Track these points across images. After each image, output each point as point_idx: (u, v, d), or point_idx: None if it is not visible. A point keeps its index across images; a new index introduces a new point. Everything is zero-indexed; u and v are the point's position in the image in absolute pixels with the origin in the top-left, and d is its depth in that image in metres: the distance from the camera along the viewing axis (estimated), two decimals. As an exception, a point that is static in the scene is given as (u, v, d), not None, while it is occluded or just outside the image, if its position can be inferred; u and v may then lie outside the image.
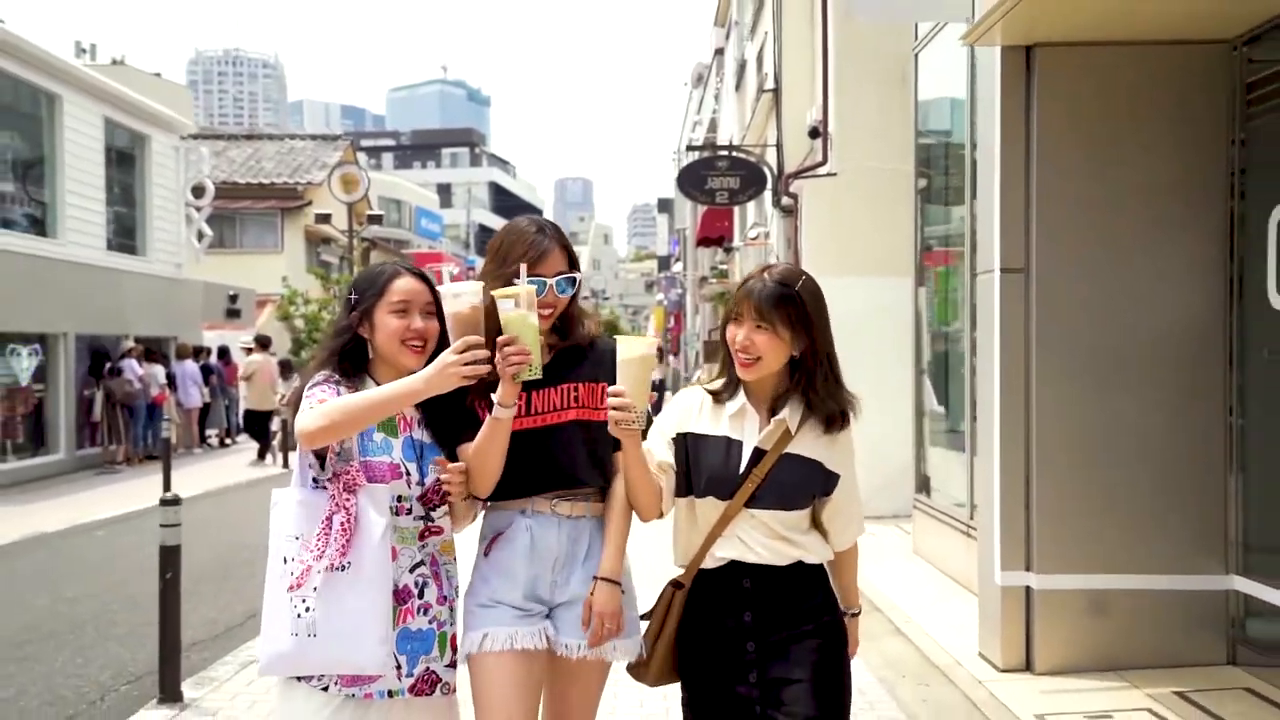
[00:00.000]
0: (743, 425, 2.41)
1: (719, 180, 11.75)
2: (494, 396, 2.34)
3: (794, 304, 2.34)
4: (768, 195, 12.27)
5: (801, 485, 2.40)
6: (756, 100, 13.96)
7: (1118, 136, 4.80)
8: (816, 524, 2.47)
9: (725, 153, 13.02)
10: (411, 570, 2.41)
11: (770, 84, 12.31)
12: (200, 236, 18.39)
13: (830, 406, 2.40)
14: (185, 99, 27.41)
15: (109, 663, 5.35)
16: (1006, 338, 4.89)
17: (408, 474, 2.39)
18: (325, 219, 20.75)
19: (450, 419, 2.46)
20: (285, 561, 2.29)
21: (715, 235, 19.89)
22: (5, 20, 13.99)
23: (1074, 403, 4.81)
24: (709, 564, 2.42)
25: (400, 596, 2.38)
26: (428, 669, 2.41)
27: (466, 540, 2.57)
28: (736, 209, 16.10)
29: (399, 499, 2.38)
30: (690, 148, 20.02)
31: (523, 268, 2.36)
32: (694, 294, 32.44)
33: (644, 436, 2.41)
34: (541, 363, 2.31)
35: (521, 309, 2.25)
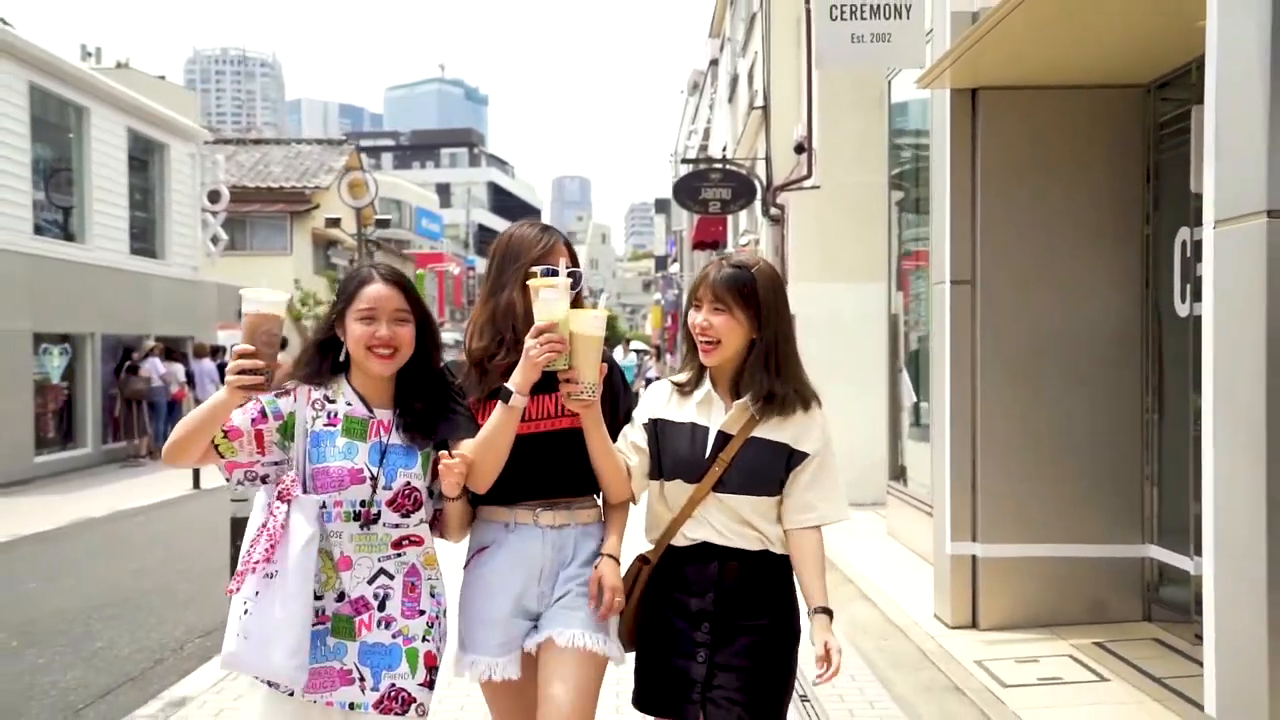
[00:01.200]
0: (709, 411, 2.47)
1: (712, 191, 12.58)
2: (509, 384, 2.34)
3: (748, 285, 2.41)
4: (757, 205, 13.09)
5: (768, 468, 2.42)
6: (747, 115, 14.81)
7: (1049, 167, 5.57)
8: (791, 506, 2.48)
9: (718, 165, 13.88)
10: (370, 581, 2.37)
11: (760, 102, 13.16)
12: (215, 240, 19.14)
13: (785, 389, 2.42)
14: (190, 102, 28.04)
15: (180, 622, 6.16)
16: (956, 340, 5.65)
17: (373, 478, 2.34)
18: (335, 223, 21.48)
19: (431, 419, 2.45)
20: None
21: (710, 239, 20.76)
22: (13, 25, 14.64)
23: (1014, 397, 5.57)
24: (680, 542, 2.46)
25: (356, 607, 2.36)
26: (393, 685, 2.35)
27: (456, 554, 2.62)
28: (730, 216, 16.91)
29: (362, 504, 2.34)
30: (685, 160, 20.85)
31: (563, 261, 2.46)
32: (689, 297, 33.15)
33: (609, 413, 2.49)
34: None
35: (560, 300, 2.29)
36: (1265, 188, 2.94)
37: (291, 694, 2.30)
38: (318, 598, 2.33)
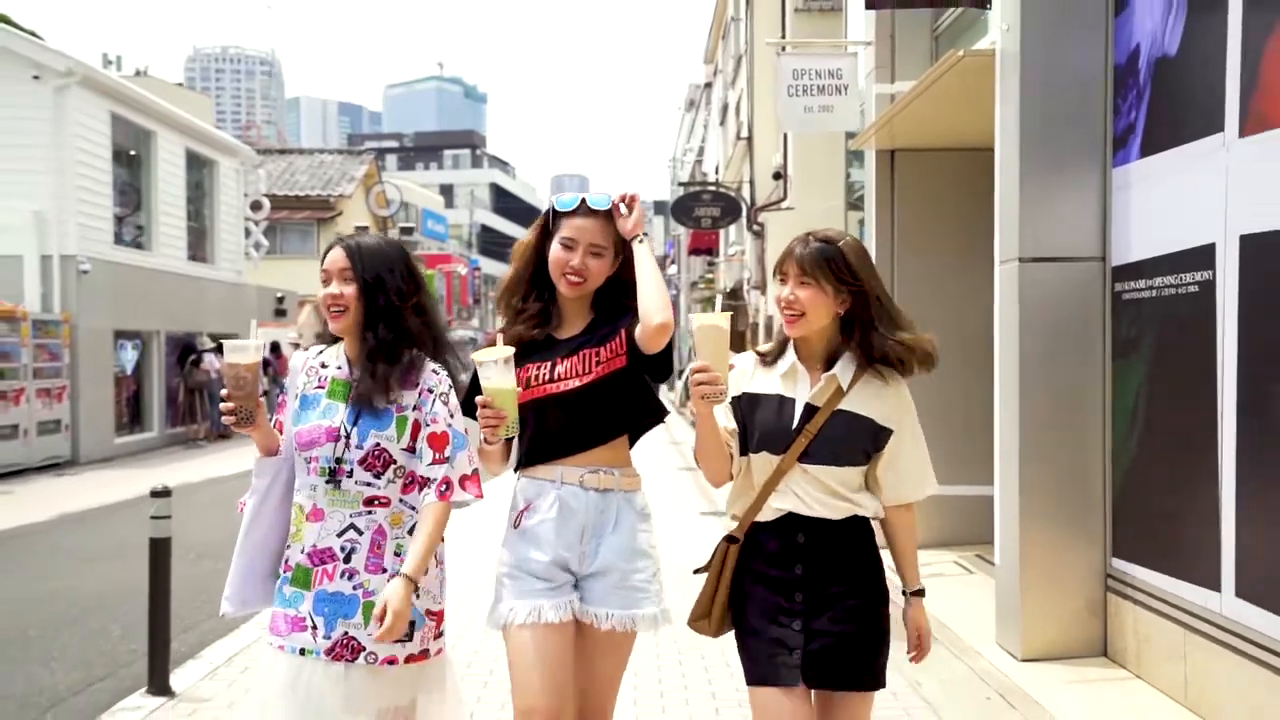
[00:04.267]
0: (795, 383, 2.45)
1: (703, 209, 14.68)
2: (482, 435, 2.49)
3: (836, 258, 2.40)
4: (743, 222, 15.14)
5: (853, 441, 2.41)
6: (735, 142, 16.90)
7: (942, 208, 7.58)
8: (871, 483, 2.48)
9: (709, 187, 15.99)
10: (340, 534, 2.46)
11: (745, 133, 15.23)
12: (258, 246, 21.16)
13: (890, 349, 2.41)
14: (206, 106, 29.86)
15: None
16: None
17: (347, 437, 2.44)
18: (364, 230, 23.44)
19: (389, 382, 2.52)
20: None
21: (705, 246, 22.90)
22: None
23: (932, 393, 7.58)
24: (765, 516, 2.44)
25: (319, 557, 2.46)
26: (346, 634, 2.42)
27: (493, 516, 2.69)
28: (720, 230, 19.06)
29: (337, 461, 2.45)
30: (681, 184, 22.99)
31: (499, 335, 2.52)
32: (687, 296, 35.47)
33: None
34: (517, 420, 2.44)
35: (497, 374, 2.38)
36: (1018, 239, 4.95)
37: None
38: (285, 548, 2.53)
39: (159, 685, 4.40)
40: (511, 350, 2.42)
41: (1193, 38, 4.16)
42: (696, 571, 2.56)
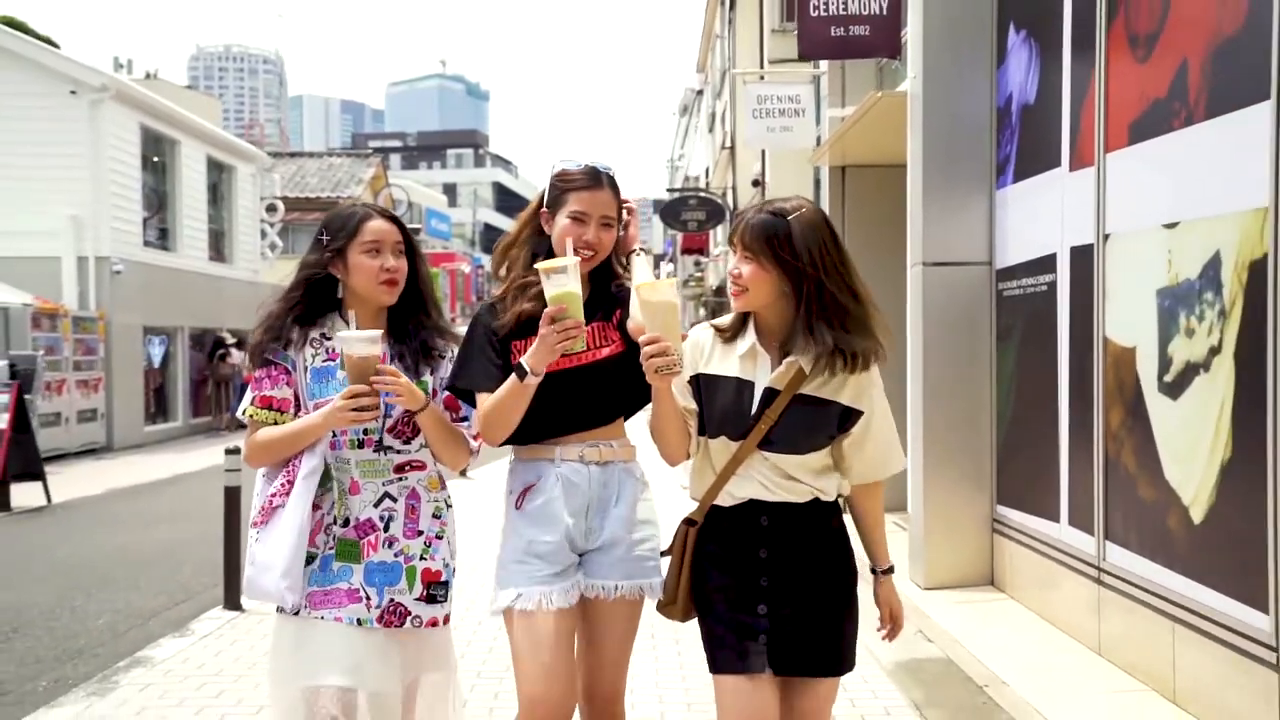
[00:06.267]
0: (754, 366, 2.33)
1: (690, 214, 15.92)
2: (524, 361, 2.32)
3: (779, 234, 2.23)
4: (727, 225, 16.29)
5: (816, 428, 2.31)
6: (720, 151, 18.09)
7: (886, 217, 8.67)
8: (837, 460, 2.38)
9: (697, 194, 17.22)
10: (376, 504, 2.48)
11: (728, 144, 16.39)
12: (273, 247, 22.34)
13: (832, 345, 2.24)
14: (215, 108, 30.86)
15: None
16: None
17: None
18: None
19: (425, 348, 2.56)
20: (255, 497, 2.51)
21: (696, 246, 24.16)
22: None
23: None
24: (725, 501, 2.35)
25: (363, 529, 2.47)
26: (392, 600, 2.45)
27: (492, 498, 2.66)
28: (707, 232, 20.29)
29: (365, 431, 2.46)
30: (669, 190, 24.22)
31: (569, 242, 2.39)
32: (680, 293, 36.72)
33: None
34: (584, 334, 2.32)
35: (571, 279, 2.26)
36: (923, 248, 6.09)
37: (297, 613, 2.46)
38: (326, 526, 2.48)
39: (233, 602, 5.57)
40: (578, 259, 2.34)
41: (1043, 89, 5.31)
42: (664, 554, 2.51)
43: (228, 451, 5.65)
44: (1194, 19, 3.92)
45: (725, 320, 2.42)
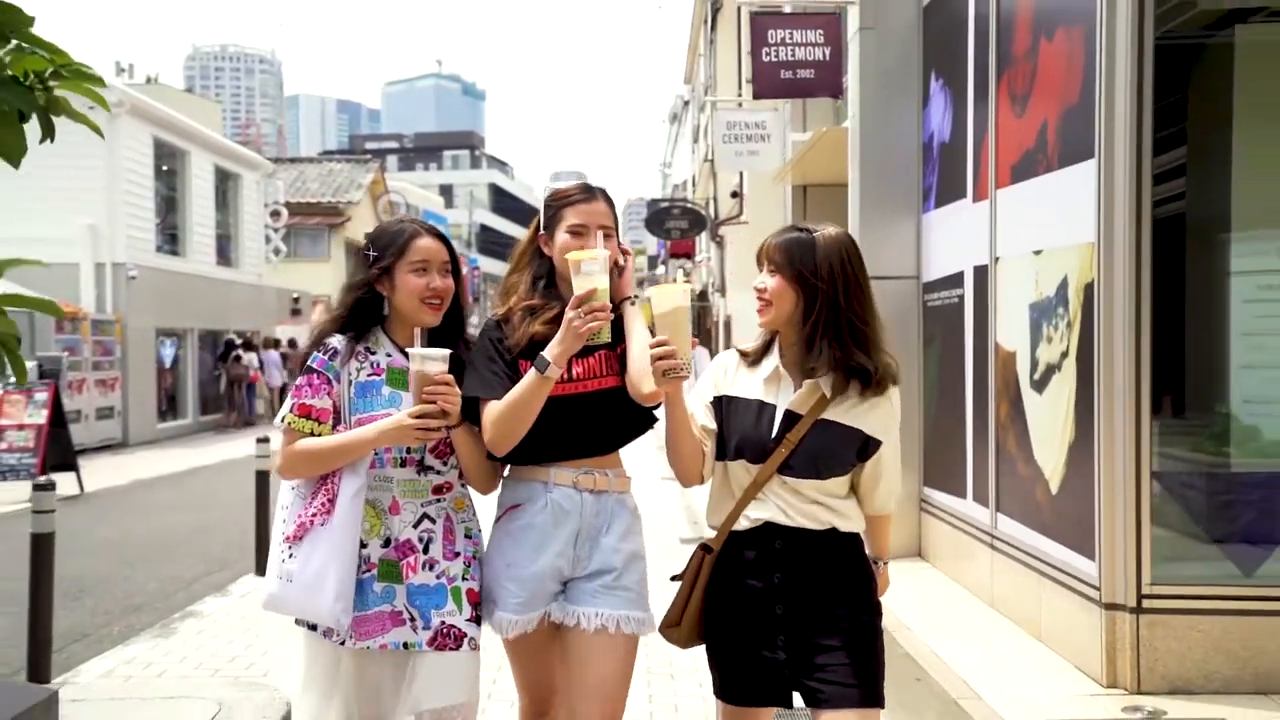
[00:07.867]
0: (777, 388, 2.33)
1: (673, 222, 16.90)
2: (545, 354, 2.30)
3: (800, 249, 2.28)
4: (707, 233, 17.26)
5: (837, 453, 2.29)
6: (704, 163, 19.05)
7: (839, 226, 9.65)
8: (854, 488, 2.37)
9: (680, 203, 18.21)
10: (416, 525, 2.45)
11: (710, 156, 17.34)
12: (277, 251, 23.22)
13: (830, 360, 2.25)
14: (215, 112, 31.60)
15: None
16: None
17: None
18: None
19: (461, 366, 2.46)
20: (282, 509, 2.47)
21: (683, 251, 25.23)
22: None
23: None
24: (741, 525, 2.33)
25: (403, 550, 2.44)
26: (444, 623, 2.41)
27: (488, 514, 2.59)
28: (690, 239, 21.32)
29: (408, 451, 2.44)
30: (652, 201, 25.24)
31: (599, 234, 2.41)
32: (693, 301, 37.84)
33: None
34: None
35: (600, 273, 2.27)
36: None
37: (343, 642, 2.39)
38: (363, 545, 2.42)
39: (264, 568, 6.42)
40: (607, 252, 2.34)
41: (954, 130, 6.23)
42: (674, 578, 2.47)
43: (259, 440, 6.56)
44: (1050, 86, 4.85)
45: (750, 345, 2.45)
